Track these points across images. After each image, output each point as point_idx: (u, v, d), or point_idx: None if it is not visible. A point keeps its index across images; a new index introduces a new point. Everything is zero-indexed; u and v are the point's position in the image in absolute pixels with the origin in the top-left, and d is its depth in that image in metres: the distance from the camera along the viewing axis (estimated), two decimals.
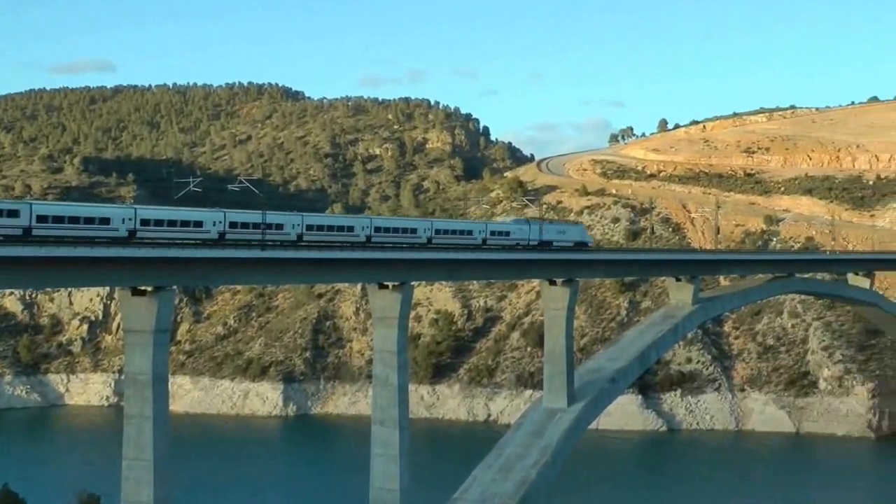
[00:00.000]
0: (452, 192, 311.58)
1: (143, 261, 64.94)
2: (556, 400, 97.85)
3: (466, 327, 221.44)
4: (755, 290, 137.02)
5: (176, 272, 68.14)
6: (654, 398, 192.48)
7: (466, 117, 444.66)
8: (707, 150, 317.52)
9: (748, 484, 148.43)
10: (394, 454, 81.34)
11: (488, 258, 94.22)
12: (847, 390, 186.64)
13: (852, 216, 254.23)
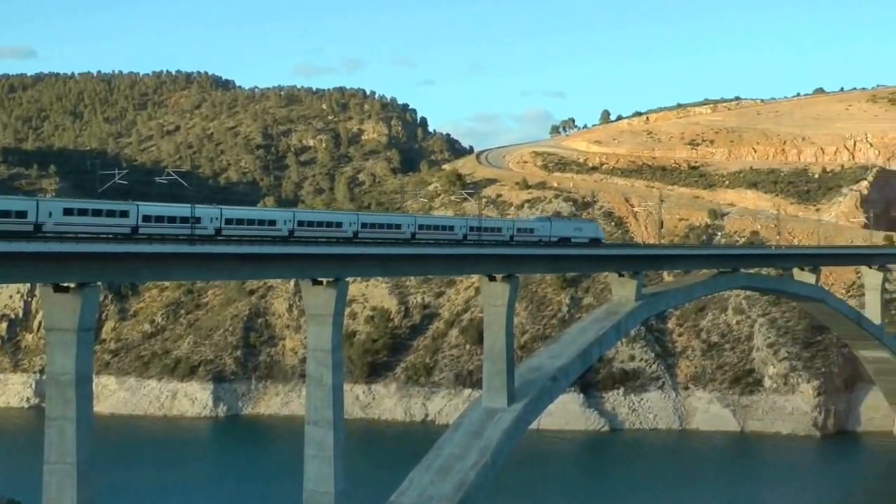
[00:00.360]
0: (389, 185, 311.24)
1: (66, 256, 64.21)
2: (496, 399, 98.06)
3: (403, 324, 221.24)
4: (699, 285, 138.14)
5: (100, 267, 67.44)
6: (596, 397, 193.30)
7: (403, 108, 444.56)
8: (650, 143, 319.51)
9: (692, 484, 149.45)
10: (328, 456, 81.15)
11: (424, 253, 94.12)
12: (792, 388, 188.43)
13: (798, 210, 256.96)
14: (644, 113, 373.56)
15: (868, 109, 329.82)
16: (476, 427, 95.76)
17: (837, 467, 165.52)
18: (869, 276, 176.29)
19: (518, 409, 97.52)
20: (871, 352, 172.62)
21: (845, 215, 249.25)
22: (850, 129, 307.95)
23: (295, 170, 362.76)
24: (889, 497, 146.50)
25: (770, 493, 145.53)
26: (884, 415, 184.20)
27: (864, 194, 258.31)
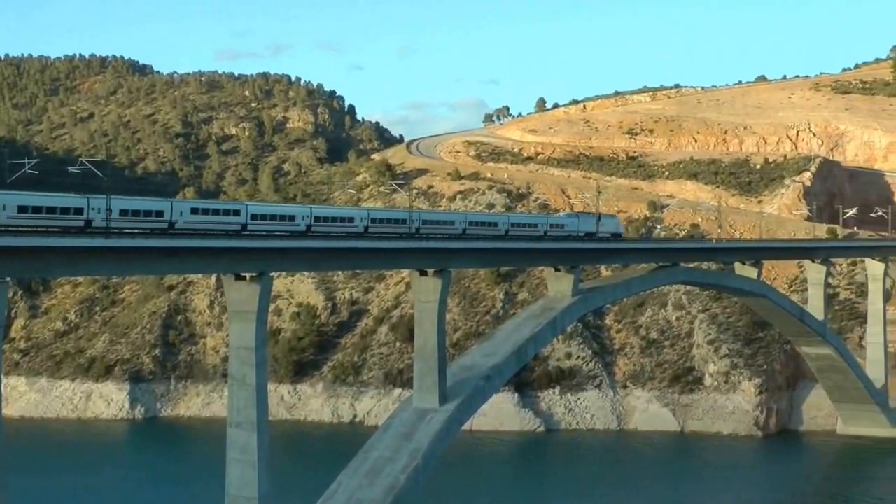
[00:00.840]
0: (315, 176, 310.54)
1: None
2: (427, 399, 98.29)
3: (330, 321, 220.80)
4: (638, 280, 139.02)
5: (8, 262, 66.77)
6: (531, 396, 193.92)
7: (330, 95, 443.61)
8: (587, 132, 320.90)
9: (631, 486, 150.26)
10: (251, 459, 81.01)
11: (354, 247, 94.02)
12: (733, 386, 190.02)
13: (739, 202, 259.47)
14: (581, 101, 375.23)
15: (811, 98, 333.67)
16: (406, 428, 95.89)
17: (779, 468, 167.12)
18: (812, 270, 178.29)
19: (450, 410, 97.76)
20: (814, 349, 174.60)
21: (788, 207, 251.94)
22: (793, 118, 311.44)
23: (216, 159, 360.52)
24: (832, 498, 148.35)
25: (711, 495, 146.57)
26: (827, 413, 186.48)
27: (807, 186, 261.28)
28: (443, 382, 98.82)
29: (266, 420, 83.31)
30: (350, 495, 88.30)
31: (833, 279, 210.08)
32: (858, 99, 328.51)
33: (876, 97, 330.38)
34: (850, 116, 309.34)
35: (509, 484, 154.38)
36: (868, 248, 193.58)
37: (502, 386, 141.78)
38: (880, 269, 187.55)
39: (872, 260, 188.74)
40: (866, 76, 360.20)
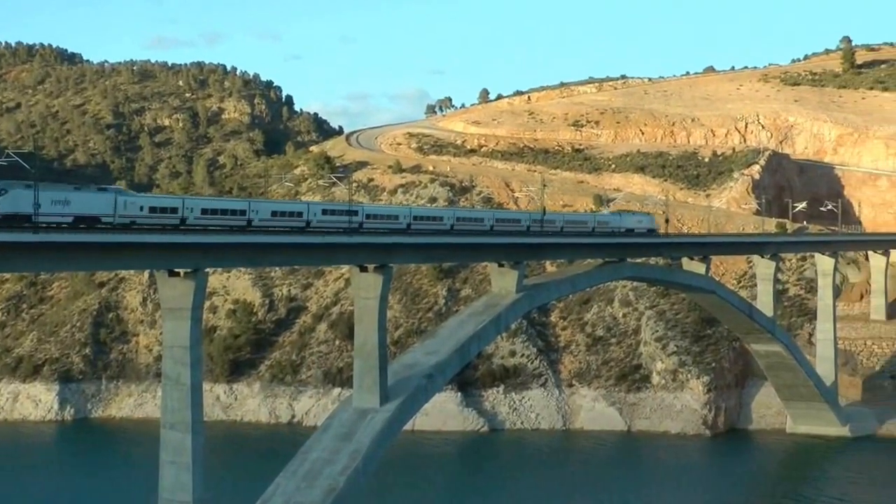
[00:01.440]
0: (252, 168, 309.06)
1: None
2: (368, 399, 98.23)
3: (268, 319, 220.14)
4: (584, 276, 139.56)
5: None
6: (474, 396, 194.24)
7: (267, 85, 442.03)
8: (532, 123, 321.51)
9: (577, 487, 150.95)
10: (186, 461, 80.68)
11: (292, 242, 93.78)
12: (681, 384, 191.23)
13: (687, 196, 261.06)
14: (525, 92, 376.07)
15: (760, 90, 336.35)
16: (346, 429, 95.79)
17: (729, 467, 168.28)
18: (761, 265, 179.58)
19: (391, 410, 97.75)
20: (763, 345, 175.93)
21: (736, 201, 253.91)
22: (742, 110, 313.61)
23: (149, 151, 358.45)
24: (783, 498, 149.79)
25: (659, 496, 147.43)
26: (776, 412, 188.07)
27: (756, 179, 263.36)
28: (383, 381, 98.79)
29: (201, 421, 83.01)
30: (287, 498, 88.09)
31: (782, 275, 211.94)
32: (808, 91, 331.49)
33: (825, 89, 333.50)
34: (799, 108, 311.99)
35: (453, 486, 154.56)
36: (818, 242, 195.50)
37: (445, 385, 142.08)
38: (830, 265, 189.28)
39: (822, 255, 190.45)
40: (816, 67, 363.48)
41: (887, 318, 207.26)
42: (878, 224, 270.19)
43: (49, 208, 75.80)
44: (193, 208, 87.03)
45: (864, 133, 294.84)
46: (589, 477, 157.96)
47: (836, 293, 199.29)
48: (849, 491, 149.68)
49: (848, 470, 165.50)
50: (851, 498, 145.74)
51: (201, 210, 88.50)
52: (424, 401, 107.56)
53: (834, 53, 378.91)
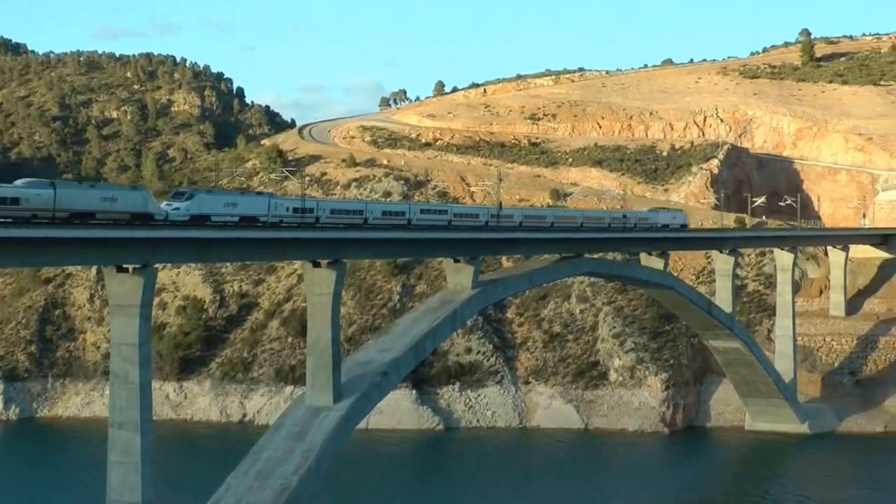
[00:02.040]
0: (202, 162, 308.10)
1: None
2: (321, 397, 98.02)
3: (219, 315, 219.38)
4: (540, 272, 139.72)
5: None
6: (429, 393, 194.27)
7: (218, 77, 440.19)
8: (488, 117, 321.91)
9: (533, 486, 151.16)
10: (135, 461, 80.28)
11: (243, 237, 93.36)
12: (639, 381, 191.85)
13: (645, 190, 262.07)
14: (481, 84, 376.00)
15: (719, 83, 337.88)
16: (299, 427, 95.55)
17: (687, 465, 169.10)
18: (720, 261, 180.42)
19: (345, 408, 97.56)
20: (721, 342, 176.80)
21: (695, 196, 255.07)
22: (700, 103, 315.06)
23: (96, 144, 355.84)
24: (739, 495, 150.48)
25: (617, 495, 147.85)
26: (735, 408, 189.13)
27: (715, 173, 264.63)
28: (337, 379, 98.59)
29: (150, 420, 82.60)
30: (239, 498, 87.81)
31: (741, 270, 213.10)
32: (767, 84, 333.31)
33: (784, 82, 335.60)
34: (758, 102, 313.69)
35: (408, 485, 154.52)
36: (777, 237, 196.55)
37: (400, 382, 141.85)
38: (789, 260, 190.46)
39: (781, 250, 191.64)
40: (775, 60, 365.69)
41: (846, 314, 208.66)
42: (838, 219, 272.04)
43: (222, 210, 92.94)
44: (325, 209, 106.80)
45: (823, 127, 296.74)
46: (545, 476, 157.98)
47: (796, 289, 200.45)
48: (808, 488, 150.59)
49: (807, 467, 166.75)
50: (810, 495, 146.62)
51: (331, 210, 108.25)
52: (379, 399, 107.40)
53: (793, 46, 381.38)
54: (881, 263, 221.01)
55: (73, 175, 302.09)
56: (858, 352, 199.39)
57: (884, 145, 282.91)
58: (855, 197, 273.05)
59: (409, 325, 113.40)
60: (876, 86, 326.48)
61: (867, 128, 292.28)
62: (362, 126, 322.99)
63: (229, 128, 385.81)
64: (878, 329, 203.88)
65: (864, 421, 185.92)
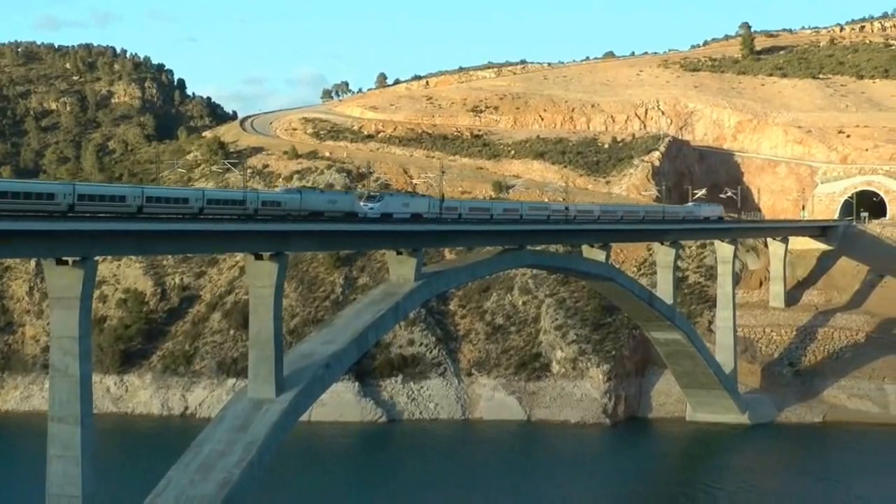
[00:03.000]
0: (143, 154, 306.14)
1: None
2: (263, 389, 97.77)
3: (160, 308, 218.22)
4: (483, 263, 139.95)
5: None
6: (372, 385, 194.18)
7: (158, 68, 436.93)
8: (431, 109, 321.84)
9: (475, 478, 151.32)
10: (75, 455, 79.79)
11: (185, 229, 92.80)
12: (581, 373, 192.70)
13: (587, 183, 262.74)
14: (424, 77, 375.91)
15: (660, 75, 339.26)
16: (241, 420, 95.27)
17: (628, 456, 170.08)
18: (661, 252, 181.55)
19: (287, 400, 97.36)
20: (663, 333, 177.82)
21: (637, 188, 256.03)
22: (642, 95, 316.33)
23: (35, 136, 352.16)
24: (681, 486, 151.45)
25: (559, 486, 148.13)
26: (676, 400, 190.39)
27: (656, 166, 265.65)
28: (279, 371, 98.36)
29: (90, 413, 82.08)
30: (181, 492, 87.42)
31: (682, 262, 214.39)
32: (708, 77, 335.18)
33: (725, 75, 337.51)
34: (699, 95, 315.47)
35: (350, 478, 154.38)
36: (717, 230, 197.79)
37: (342, 375, 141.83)
38: (730, 252, 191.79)
39: (722, 242, 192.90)
40: (715, 53, 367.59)
41: (786, 305, 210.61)
42: (777, 211, 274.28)
43: (400, 209, 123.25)
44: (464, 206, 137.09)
45: (763, 120, 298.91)
46: (488, 467, 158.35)
47: (736, 280, 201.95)
48: (748, 478, 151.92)
49: (748, 457, 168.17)
50: (751, 485, 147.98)
51: (469, 209, 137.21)
52: (321, 391, 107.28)
53: (733, 39, 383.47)
54: (820, 255, 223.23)
55: (10, 168, 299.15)
56: (798, 343, 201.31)
57: (822, 138, 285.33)
58: (794, 189, 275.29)
59: (351, 318, 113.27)
60: (815, 79, 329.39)
61: (806, 121, 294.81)
62: (304, 118, 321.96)
63: (170, 120, 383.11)
64: (816, 320, 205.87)
65: (804, 411, 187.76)
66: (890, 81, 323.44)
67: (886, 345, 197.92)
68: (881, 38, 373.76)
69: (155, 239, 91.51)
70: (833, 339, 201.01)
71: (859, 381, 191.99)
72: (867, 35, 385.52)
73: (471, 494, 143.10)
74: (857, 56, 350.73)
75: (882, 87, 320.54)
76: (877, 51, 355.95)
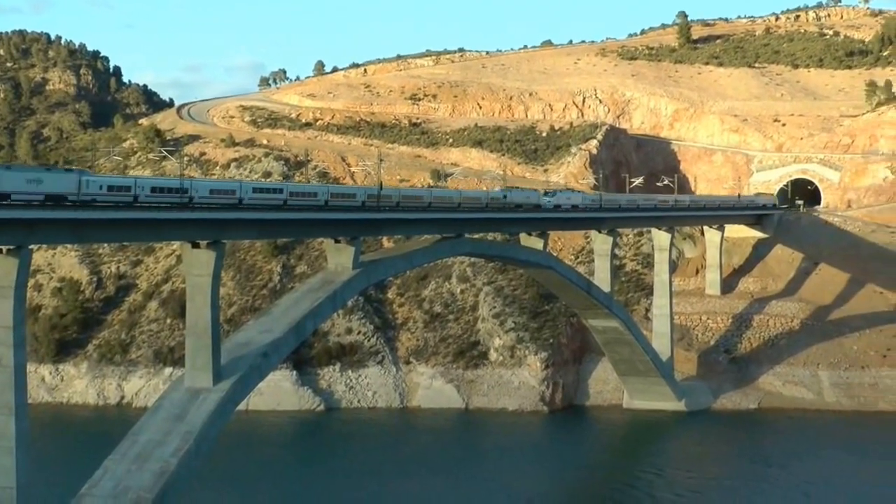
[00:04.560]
0: (78, 142, 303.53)
1: None
2: (200, 378, 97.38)
3: (96, 297, 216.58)
4: (421, 252, 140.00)
5: None
6: (310, 374, 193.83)
7: (94, 55, 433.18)
8: (368, 97, 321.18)
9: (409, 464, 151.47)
10: (8, 446, 79.19)
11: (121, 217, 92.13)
12: (519, 361, 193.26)
13: (525, 171, 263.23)
14: (361, 65, 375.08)
15: (597, 64, 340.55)
16: (178, 409, 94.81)
17: (566, 444, 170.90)
18: (598, 241, 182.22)
19: (225, 389, 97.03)
20: (600, 321, 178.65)
21: (574, 176, 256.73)
22: (579, 84, 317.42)
23: None
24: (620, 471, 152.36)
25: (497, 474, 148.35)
26: (613, 387, 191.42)
27: (594, 154, 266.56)
28: (216, 360, 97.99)
29: (25, 404, 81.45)
30: (117, 481, 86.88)
31: (619, 250, 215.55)
32: (645, 65, 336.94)
33: (662, 63, 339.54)
34: (636, 83, 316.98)
35: (288, 466, 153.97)
36: (654, 218, 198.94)
37: (280, 363, 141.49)
38: (666, 240, 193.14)
39: (659, 230, 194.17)
40: (652, 42, 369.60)
41: (722, 293, 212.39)
42: None
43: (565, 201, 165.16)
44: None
45: (699, 108, 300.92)
46: (425, 456, 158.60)
47: (673, 268, 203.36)
48: (686, 465, 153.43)
49: (684, 444, 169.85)
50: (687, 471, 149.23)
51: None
52: (259, 380, 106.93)
53: (670, 28, 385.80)
54: (756, 243, 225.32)
55: None
56: (733, 330, 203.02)
57: (758, 126, 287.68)
58: (730, 177, 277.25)
59: (289, 306, 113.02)
60: (750, 68, 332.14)
61: (742, 109, 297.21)
62: (242, 106, 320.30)
63: (106, 107, 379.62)
64: (752, 307, 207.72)
65: (739, 398, 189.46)
66: (824, 70, 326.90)
67: (820, 332, 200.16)
68: (816, 28, 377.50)
69: (91, 227, 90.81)
70: (768, 326, 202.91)
71: (794, 367, 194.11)
72: (802, 24, 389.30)
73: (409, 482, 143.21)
74: (793, 45, 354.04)
75: (816, 76, 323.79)
76: (811, 40, 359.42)
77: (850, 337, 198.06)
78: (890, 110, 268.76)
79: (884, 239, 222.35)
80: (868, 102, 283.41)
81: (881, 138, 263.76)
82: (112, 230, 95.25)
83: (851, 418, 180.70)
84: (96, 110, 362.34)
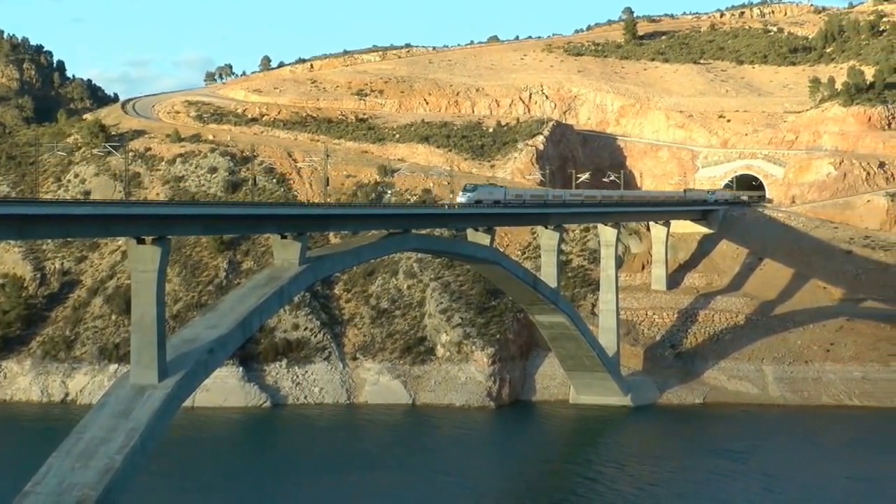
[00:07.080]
0: (21, 137, 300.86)
1: None
2: (146, 375, 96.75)
3: (39, 293, 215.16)
4: (368, 248, 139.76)
5: None
6: (256, 370, 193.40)
7: (37, 49, 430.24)
8: (315, 92, 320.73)
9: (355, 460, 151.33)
10: None
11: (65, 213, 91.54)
12: (466, 357, 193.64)
13: (472, 167, 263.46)
14: (308, 60, 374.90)
15: (544, 60, 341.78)
16: (123, 406, 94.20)
17: (513, 438, 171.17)
18: (545, 236, 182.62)
19: (170, 386, 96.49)
20: (547, 316, 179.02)
21: (521, 172, 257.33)
22: (526, 80, 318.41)
23: None
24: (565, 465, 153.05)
25: (444, 469, 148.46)
26: (560, 382, 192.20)
27: (541, 150, 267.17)
28: (162, 357, 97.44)
29: None
30: (61, 479, 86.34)
31: (566, 246, 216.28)
32: (591, 61, 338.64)
33: (608, 59, 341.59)
34: (582, 79, 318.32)
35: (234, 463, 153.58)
36: (600, 213, 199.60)
37: (226, 360, 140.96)
38: (612, 235, 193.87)
39: (605, 226, 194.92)
40: (599, 38, 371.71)
41: (667, 288, 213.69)
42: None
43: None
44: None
45: (645, 104, 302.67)
46: (373, 452, 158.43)
47: (619, 264, 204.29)
48: (638, 458, 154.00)
49: (630, 439, 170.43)
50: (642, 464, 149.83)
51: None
52: (205, 376, 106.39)
53: (616, 24, 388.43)
54: (701, 238, 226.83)
55: None
56: (679, 325, 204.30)
57: (703, 122, 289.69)
58: (676, 173, 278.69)
59: (235, 302, 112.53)
60: (696, 64, 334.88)
61: (687, 105, 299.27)
62: (187, 101, 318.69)
63: (50, 102, 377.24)
64: (697, 303, 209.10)
65: (685, 393, 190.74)
66: (769, 67, 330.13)
67: (765, 327, 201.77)
68: (760, 24, 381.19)
69: (34, 223, 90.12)
70: (713, 321, 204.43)
71: (739, 362, 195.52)
72: (747, 21, 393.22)
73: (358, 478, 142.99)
74: (737, 42, 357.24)
75: (761, 72, 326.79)
76: (756, 36, 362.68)
77: (794, 332, 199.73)
78: (833, 107, 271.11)
79: (827, 234, 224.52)
80: (812, 98, 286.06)
81: (824, 134, 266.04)
82: (57, 226, 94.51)
83: (796, 412, 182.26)
84: (39, 105, 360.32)
